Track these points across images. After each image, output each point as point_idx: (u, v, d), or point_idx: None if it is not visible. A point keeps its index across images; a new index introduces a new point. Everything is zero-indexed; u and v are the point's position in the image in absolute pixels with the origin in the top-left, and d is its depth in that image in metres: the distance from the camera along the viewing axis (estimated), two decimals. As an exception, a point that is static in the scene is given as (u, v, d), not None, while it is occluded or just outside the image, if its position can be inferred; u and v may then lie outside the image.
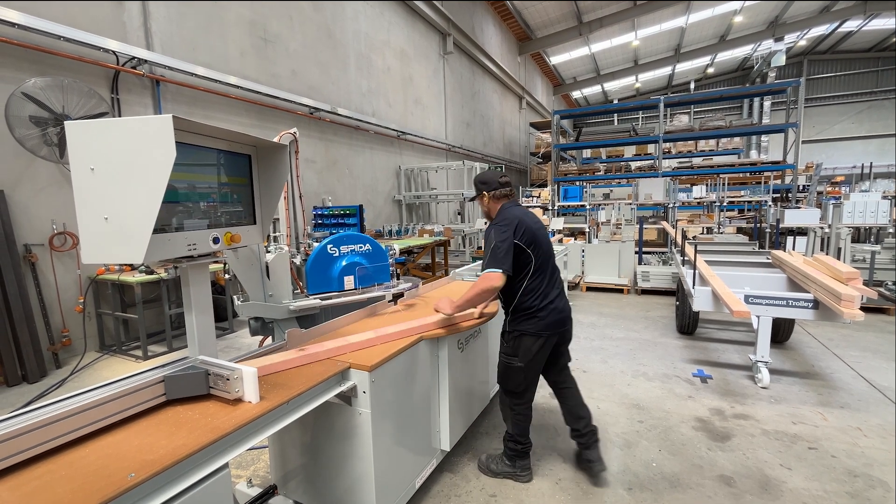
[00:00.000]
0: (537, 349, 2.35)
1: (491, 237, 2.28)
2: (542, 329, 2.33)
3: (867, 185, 14.31)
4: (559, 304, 2.38)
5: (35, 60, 4.42)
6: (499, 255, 2.20)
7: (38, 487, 1.09)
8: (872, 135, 23.82)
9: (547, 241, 2.40)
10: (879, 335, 4.95)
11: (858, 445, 2.81)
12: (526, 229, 2.28)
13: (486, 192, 2.44)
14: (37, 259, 4.43)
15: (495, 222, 2.34)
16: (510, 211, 2.37)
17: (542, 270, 2.36)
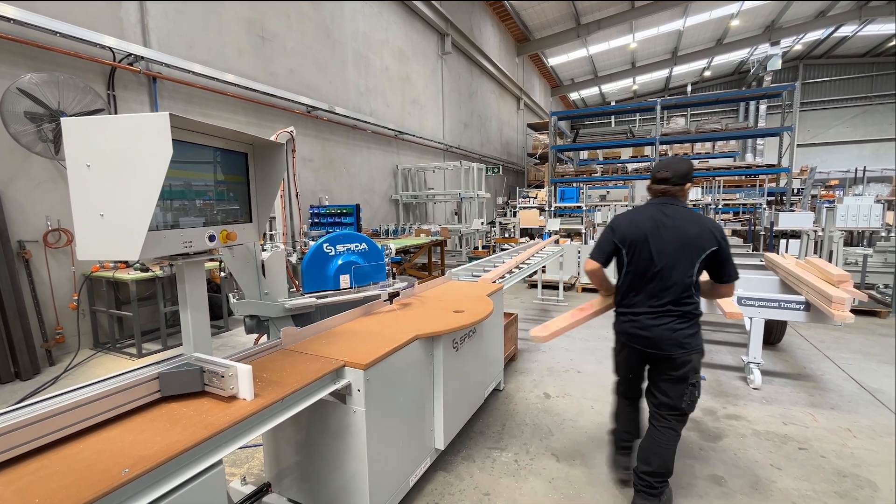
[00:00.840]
0: (618, 347, 2.43)
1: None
2: (619, 332, 2.37)
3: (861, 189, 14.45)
4: (642, 319, 2.19)
5: (31, 56, 4.40)
6: (599, 246, 2.34)
7: (31, 483, 1.09)
8: (867, 139, 24.05)
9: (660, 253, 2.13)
10: (870, 338, 5.00)
11: (848, 446, 2.84)
12: (625, 231, 2.24)
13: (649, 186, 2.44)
14: (31, 256, 4.40)
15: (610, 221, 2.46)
16: (633, 210, 2.37)
17: (638, 276, 2.21)
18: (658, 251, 2.13)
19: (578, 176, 15.04)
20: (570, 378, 3.97)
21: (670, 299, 2.14)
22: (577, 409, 3.39)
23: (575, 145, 15.46)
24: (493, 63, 16.41)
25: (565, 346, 4.82)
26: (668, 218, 2.15)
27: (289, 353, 2.02)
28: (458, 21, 13.39)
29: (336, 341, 2.19)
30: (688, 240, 2.09)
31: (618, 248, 2.27)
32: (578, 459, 2.73)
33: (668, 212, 2.17)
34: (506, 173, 19.33)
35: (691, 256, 2.10)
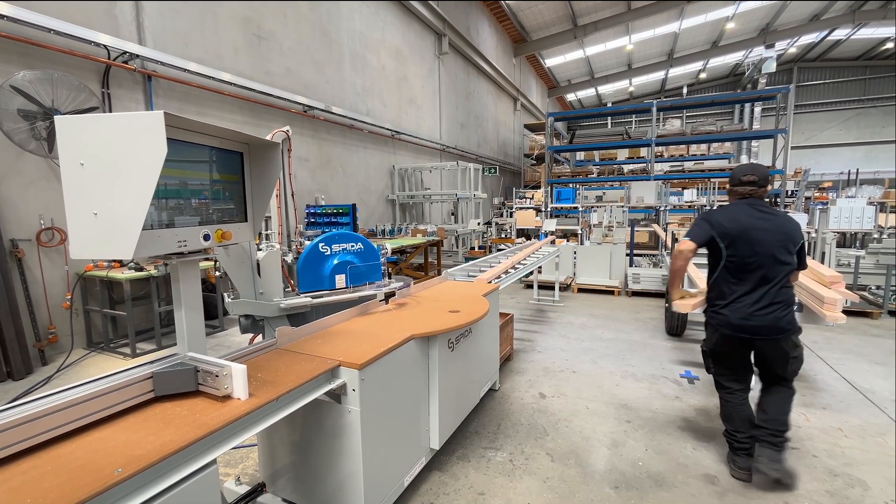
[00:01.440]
0: (716, 340, 2.54)
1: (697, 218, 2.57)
2: (720, 325, 2.47)
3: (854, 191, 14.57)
4: (747, 309, 2.38)
5: (24, 53, 4.37)
6: (693, 228, 2.50)
7: (23, 482, 1.09)
8: (860, 142, 24.28)
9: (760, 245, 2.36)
10: (862, 338, 5.05)
11: (839, 445, 2.87)
12: (725, 225, 2.41)
13: (729, 186, 2.60)
14: (24, 254, 4.37)
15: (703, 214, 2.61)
16: (727, 208, 2.53)
17: (741, 271, 2.41)
18: (760, 244, 2.36)
19: (575, 177, 15.09)
20: (566, 378, 3.98)
21: (772, 287, 2.38)
22: (571, 409, 3.40)
23: (571, 146, 15.51)
24: (490, 64, 16.44)
25: (561, 347, 4.84)
26: (764, 214, 2.42)
27: (284, 353, 2.02)
28: (455, 21, 13.41)
29: (331, 341, 2.19)
30: (786, 233, 2.39)
31: (714, 242, 2.44)
32: (573, 459, 2.74)
33: (761, 209, 2.45)
34: (502, 174, 19.36)
35: (789, 248, 2.39)
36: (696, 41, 21.05)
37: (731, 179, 2.57)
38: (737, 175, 2.55)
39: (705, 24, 19.05)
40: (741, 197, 2.52)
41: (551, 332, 5.41)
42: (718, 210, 2.53)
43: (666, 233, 7.40)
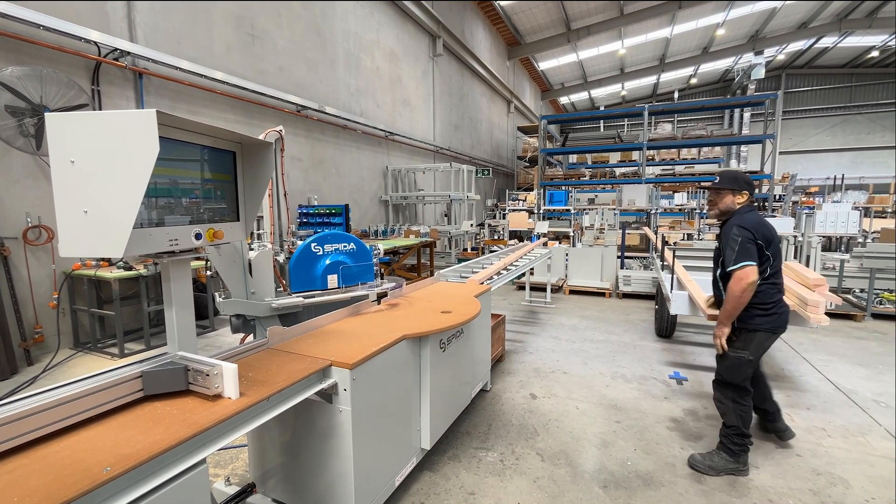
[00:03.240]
0: (770, 344, 2.56)
1: (734, 234, 2.41)
2: (778, 326, 2.51)
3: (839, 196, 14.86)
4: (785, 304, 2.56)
5: (12, 49, 4.31)
6: (749, 251, 2.37)
7: (10, 482, 1.08)
8: (845, 148, 24.76)
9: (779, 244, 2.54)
10: (847, 340, 5.15)
11: (822, 445, 2.93)
12: (765, 231, 2.43)
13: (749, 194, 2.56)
14: (10, 253, 4.30)
15: (735, 223, 2.45)
16: (752, 214, 2.51)
17: (776, 271, 2.51)
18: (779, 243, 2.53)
19: (567, 179, 15.19)
20: (556, 379, 4.01)
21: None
22: (562, 409, 3.43)
23: (564, 149, 15.63)
24: (485, 66, 16.50)
25: (552, 348, 4.88)
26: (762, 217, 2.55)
27: (275, 353, 2.02)
28: (450, 23, 13.44)
29: (323, 341, 2.19)
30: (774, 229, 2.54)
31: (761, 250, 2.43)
32: (563, 459, 2.77)
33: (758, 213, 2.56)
34: (495, 176, 19.43)
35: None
36: (687, 47, 21.33)
37: (746, 185, 2.56)
38: (748, 180, 2.58)
39: (696, 30, 19.32)
40: (751, 204, 2.59)
41: (543, 334, 5.44)
42: (748, 221, 2.46)
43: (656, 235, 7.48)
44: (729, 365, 2.57)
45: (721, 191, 2.60)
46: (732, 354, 2.55)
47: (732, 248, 2.40)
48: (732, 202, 2.57)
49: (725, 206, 2.59)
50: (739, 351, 2.53)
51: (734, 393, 2.59)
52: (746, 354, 2.51)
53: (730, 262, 2.41)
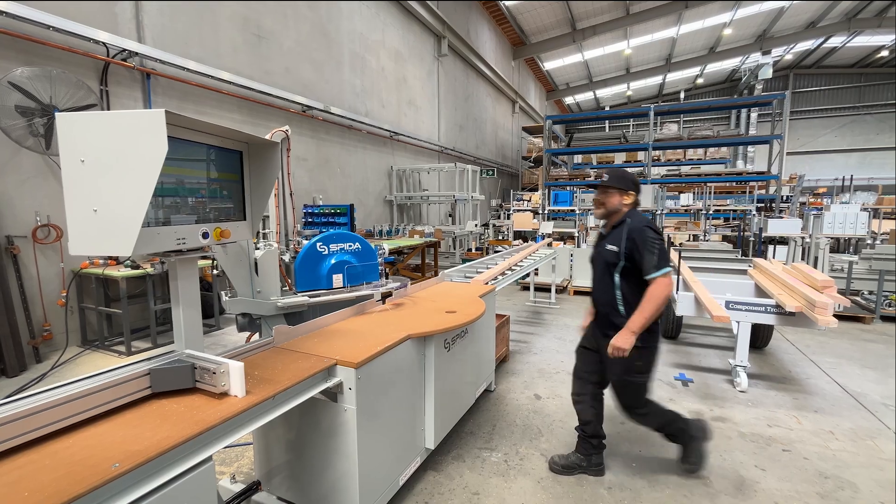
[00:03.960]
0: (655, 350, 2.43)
1: (651, 236, 2.23)
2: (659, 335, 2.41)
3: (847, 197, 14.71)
4: None
5: (23, 50, 4.36)
6: (667, 255, 2.23)
7: (21, 476, 1.09)
8: (854, 148, 24.51)
9: None
10: (854, 343, 5.10)
11: (830, 448, 2.90)
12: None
13: (636, 194, 2.41)
14: (19, 251, 4.35)
15: (647, 224, 2.28)
16: (642, 216, 2.36)
17: None
18: None
19: (572, 180, 15.14)
20: (561, 380, 4.00)
21: None
22: (566, 410, 3.42)
23: (569, 149, 15.57)
24: (490, 66, 16.49)
25: (556, 349, 4.86)
26: None
27: (281, 351, 2.03)
28: (455, 24, 13.45)
29: (328, 340, 2.20)
30: None
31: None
32: (567, 460, 2.75)
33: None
34: (500, 176, 19.40)
35: None
36: (693, 46, 21.20)
37: (633, 185, 2.40)
38: (635, 180, 2.42)
39: (703, 29, 19.20)
40: (638, 204, 2.43)
41: (547, 334, 5.43)
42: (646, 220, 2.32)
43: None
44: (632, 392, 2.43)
45: (609, 189, 2.41)
46: (636, 379, 2.39)
47: (652, 252, 2.21)
48: (619, 202, 2.39)
49: (612, 206, 2.41)
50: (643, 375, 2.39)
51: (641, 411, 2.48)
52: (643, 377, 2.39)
53: (652, 266, 2.21)
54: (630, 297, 2.32)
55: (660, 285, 2.20)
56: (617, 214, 2.41)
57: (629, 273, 2.31)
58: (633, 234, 2.27)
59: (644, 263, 2.23)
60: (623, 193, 2.38)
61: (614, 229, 2.39)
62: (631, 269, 2.30)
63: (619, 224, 2.37)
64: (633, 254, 2.26)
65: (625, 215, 2.37)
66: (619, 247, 2.30)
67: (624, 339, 2.23)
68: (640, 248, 2.24)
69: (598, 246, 2.51)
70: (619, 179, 2.40)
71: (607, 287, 2.40)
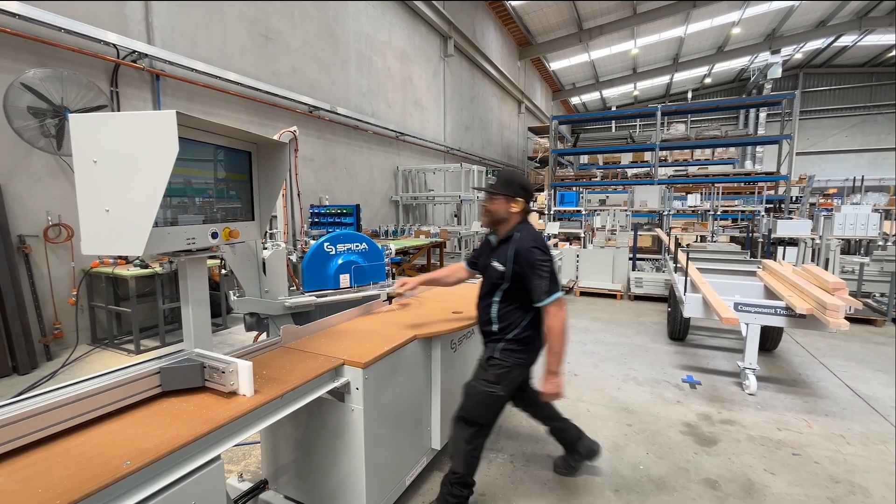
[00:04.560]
0: (522, 378, 2.24)
1: (539, 258, 2.00)
2: (536, 355, 2.22)
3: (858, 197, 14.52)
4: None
5: (34, 51, 4.42)
6: (557, 277, 2.03)
7: (33, 473, 1.10)
8: (865, 148, 24.18)
9: None
10: (866, 346, 5.03)
11: (841, 452, 2.86)
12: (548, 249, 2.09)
13: (524, 201, 2.15)
14: (31, 250, 4.41)
15: (535, 244, 2.03)
16: (533, 229, 2.14)
17: None
18: None
19: (578, 180, 15.09)
20: (567, 381, 3.96)
21: None
22: (572, 411, 3.40)
23: (575, 149, 15.52)
24: (496, 66, 16.47)
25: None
26: None
27: (288, 351, 2.04)
28: (461, 24, 13.44)
29: (335, 340, 2.20)
30: None
31: None
32: (574, 462, 2.74)
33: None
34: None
35: None
36: (701, 46, 21.03)
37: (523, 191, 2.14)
38: (531, 188, 2.19)
39: (711, 29, 19.04)
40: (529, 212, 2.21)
41: (553, 335, 5.40)
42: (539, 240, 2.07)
43: (669, 237, 7.39)
44: (480, 401, 2.14)
45: (495, 196, 2.15)
46: (484, 386, 2.14)
47: (541, 276, 1.98)
48: (506, 210, 2.13)
49: (498, 213, 2.15)
50: (492, 385, 2.12)
51: (472, 431, 2.15)
52: (499, 390, 2.11)
53: (542, 293, 1.98)
54: (508, 317, 2.14)
55: (554, 317, 2.01)
56: (505, 224, 2.16)
57: (512, 294, 2.11)
58: (520, 255, 2.03)
59: (532, 289, 2.01)
60: (510, 200, 2.13)
61: (502, 244, 2.14)
62: (515, 290, 2.10)
63: (508, 239, 2.12)
64: (521, 277, 2.05)
65: (513, 229, 2.13)
66: (506, 267, 2.08)
67: (551, 384, 2.07)
68: (527, 272, 2.01)
69: (485, 258, 2.25)
70: (506, 184, 2.15)
71: (487, 305, 2.20)
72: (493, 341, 2.19)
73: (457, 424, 2.21)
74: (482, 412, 2.16)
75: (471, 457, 2.15)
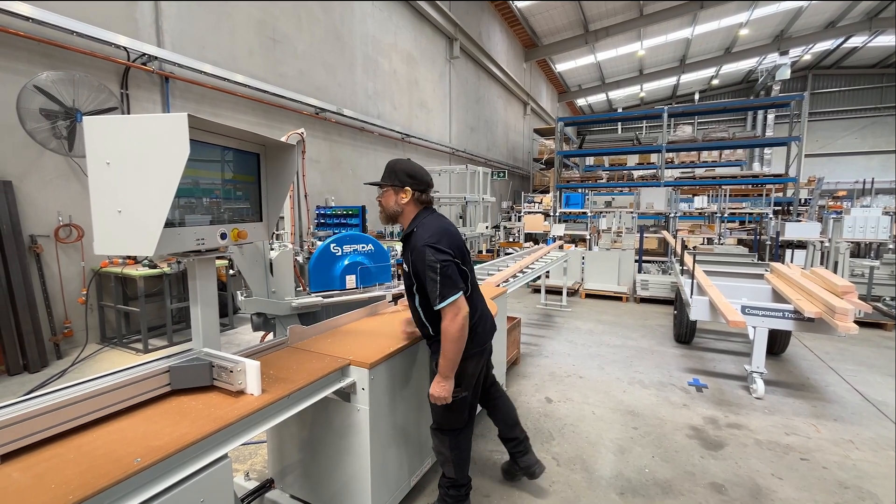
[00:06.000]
0: (478, 369, 2.11)
1: (430, 259, 1.83)
2: (482, 344, 2.09)
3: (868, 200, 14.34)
4: (486, 311, 2.17)
5: (47, 54, 4.49)
6: (453, 277, 1.85)
7: (48, 469, 1.13)
8: (875, 150, 23.87)
9: (466, 247, 2.08)
10: (875, 350, 4.97)
11: (850, 458, 2.83)
12: (454, 241, 1.95)
13: (412, 189, 1.98)
14: (42, 250, 4.47)
15: (427, 241, 1.86)
16: (434, 221, 1.97)
17: (473, 284, 2.11)
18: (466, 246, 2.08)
19: (584, 182, 15.03)
20: (572, 383, 3.97)
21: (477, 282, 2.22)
22: (578, 414, 3.39)
23: (581, 151, 15.45)
24: (501, 68, 16.47)
25: (567, 352, 4.83)
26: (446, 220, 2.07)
27: (295, 351, 2.05)
28: (467, 26, 13.47)
29: (341, 340, 2.22)
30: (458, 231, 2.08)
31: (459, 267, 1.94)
32: (578, 464, 2.74)
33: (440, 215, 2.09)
34: (511, 178, 19.35)
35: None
36: (708, 47, 20.90)
37: (416, 181, 1.98)
38: (420, 175, 2.01)
39: (719, 30, 18.91)
40: (428, 205, 2.06)
41: (558, 337, 5.40)
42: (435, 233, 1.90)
43: (676, 239, 7.35)
44: (444, 408, 2.01)
45: (382, 188, 2.03)
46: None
47: (433, 279, 1.81)
48: (395, 202, 1.99)
49: (389, 207, 2.02)
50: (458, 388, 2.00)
51: (450, 437, 2.09)
52: (460, 392, 2.00)
53: (435, 297, 1.82)
54: (433, 318, 1.99)
55: (450, 322, 1.83)
56: (403, 218, 2.02)
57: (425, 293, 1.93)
58: (414, 255, 1.90)
59: (428, 293, 1.86)
60: (398, 190, 1.98)
61: (406, 242, 2.02)
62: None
63: (409, 235, 1.98)
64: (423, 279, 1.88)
65: (412, 223, 1.99)
66: (409, 268, 1.97)
67: (439, 387, 1.92)
68: (420, 274, 1.89)
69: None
70: (389, 174, 2.00)
71: (414, 309, 2.09)
72: (435, 342, 2.03)
73: (433, 434, 2.14)
74: (450, 418, 2.06)
75: (458, 460, 2.11)
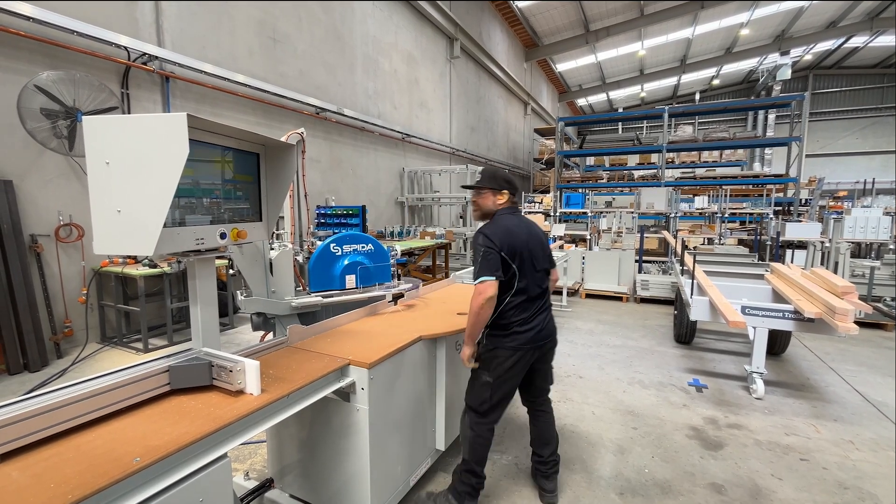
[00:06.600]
0: (510, 365, 2.18)
1: (479, 243, 2.11)
2: (521, 344, 2.17)
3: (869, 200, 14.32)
4: (541, 322, 2.25)
5: (48, 54, 4.49)
6: (491, 263, 2.06)
7: (47, 468, 1.13)
8: (876, 151, 23.84)
9: (539, 254, 2.25)
10: (876, 350, 4.97)
11: (850, 458, 2.83)
12: (511, 241, 2.12)
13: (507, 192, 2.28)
14: (42, 249, 4.48)
15: (484, 230, 2.15)
16: (505, 220, 2.21)
17: (527, 285, 2.20)
18: (537, 253, 2.24)
19: (584, 182, 15.03)
20: (572, 383, 3.97)
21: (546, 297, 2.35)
22: (577, 414, 3.39)
23: (581, 151, 15.45)
24: (502, 68, 16.47)
25: (567, 352, 4.83)
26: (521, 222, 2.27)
27: (294, 351, 2.05)
28: (468, 26, 13.47)
29: (341, 340, 2.22)
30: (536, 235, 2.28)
31: (507, 263, 2.11)
32: (578, 464, 2.74)
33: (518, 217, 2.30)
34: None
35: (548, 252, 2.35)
36: (709, 47, 20.88)
37: (507, 184, 2.28)
38: (514, 182, 2.33)
39: (719, 30, 18.89)
40: (515, 203, 2.34)
41: (558, 338, 5.39)
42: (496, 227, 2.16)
43: (676, 239, 7.35)
44: (471, 386, 2.27)
45: (482, 191, 2.29)
46: (474, 373, 2.25)
47: (476, 259, 2.10)
48: (493, 203, 2.27)
49: (486, 207, 2.28)
50: (479, 371, 2.22)
51: (471, 416, 2.25)
52: (485, 375, 2.18)
53: (474, 274, 2.11)
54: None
55: (474, 297, 2.05)
56: (491, 216, 2.29)
57: None
58: (473, 239, 2.18)
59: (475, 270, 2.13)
60: (496, 193, 2.27)
61: None
62: None
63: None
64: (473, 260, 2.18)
65: (493, 219, 2.26)
66: None
67: (463, 351, 2.19)
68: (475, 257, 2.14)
69: None
70: (491, 178, 2.29)
71: None
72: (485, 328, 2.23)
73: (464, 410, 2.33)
74: (472, 396, 2.27)
75: (474, 443, 2.22)
